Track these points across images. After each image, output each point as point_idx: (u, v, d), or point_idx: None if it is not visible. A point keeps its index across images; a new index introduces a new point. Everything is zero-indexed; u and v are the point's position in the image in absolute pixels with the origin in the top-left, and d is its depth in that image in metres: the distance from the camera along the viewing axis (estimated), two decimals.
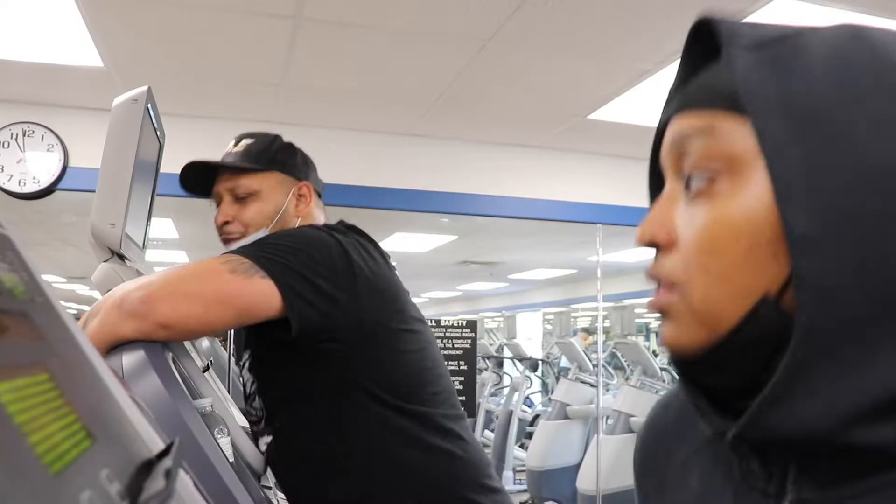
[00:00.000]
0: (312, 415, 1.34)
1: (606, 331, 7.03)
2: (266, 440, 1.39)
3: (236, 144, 1.54)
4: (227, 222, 1.50)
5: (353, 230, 1.44)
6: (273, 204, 1.50)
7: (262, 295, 1.19)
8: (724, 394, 0.52)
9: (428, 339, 1.44)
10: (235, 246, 1.42)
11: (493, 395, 8.13)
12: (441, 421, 1.37)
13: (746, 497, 0.53)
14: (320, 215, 1.60)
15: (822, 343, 0.45)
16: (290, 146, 1.59)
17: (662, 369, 5.84)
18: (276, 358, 1.36)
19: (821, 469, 0.48)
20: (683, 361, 0.54)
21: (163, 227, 6.02)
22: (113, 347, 1.07)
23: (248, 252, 1.23)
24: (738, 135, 0.49)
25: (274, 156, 1.53)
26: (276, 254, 1.23)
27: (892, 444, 0.44)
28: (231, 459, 1.06)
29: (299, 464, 1.37)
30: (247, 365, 1.44)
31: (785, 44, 0.49)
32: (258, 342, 1.39)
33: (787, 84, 0.47)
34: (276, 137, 1.58)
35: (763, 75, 0.47)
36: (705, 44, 0.54)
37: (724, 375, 0.51)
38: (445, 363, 1.50)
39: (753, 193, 0.48)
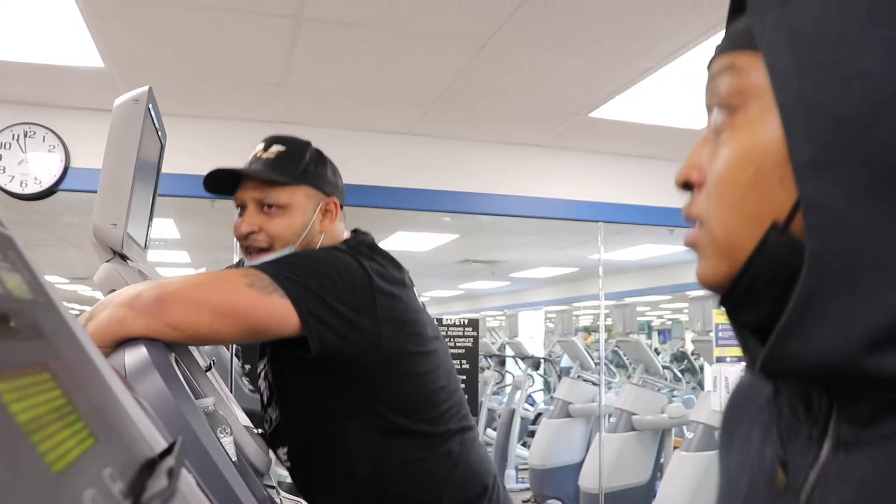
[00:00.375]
0: (330, 432, 1.37)
1: (608, 329, 7.02)
2: (284, 449, 1.43)
3: (266, 149, 1.49)
4: (252, 232, 1.45)
5: (376, 250, 1.44)
6: (301, 219, 1.47)
7: (277, 313, 1.20)
8: (765, 331, 0.52)
9: (442, 355, 1.45)
10: (258, 259, 1.42)
11: (495, 393, 8.13)
12: (449, 439, 1.41)
13: (795, 443, 0.53)
14: (343, 230, 1.57)
15: (833, 267, 0.45)
16: (321, 156, 1.54)
17: (664, 367, 5.84)
18: (292, 374, 1.38)
19: (858, 407, 0.48)
20: (721, 299, 0.55)
21: (164, 227, 6.02)
22: (118, 343, 1.07)
23: (270, 269, 1.23)
24: (752, 69, 0.51)
25: (306, 168, 1.48)
26: (297, 274, 1.23)
27: None
28: (234, 459, 1.06)
29: (314, 473, 1.41)
30: (263, 375, 1.47)
31: None
32: (275, 356, 1.41)
33: (794, 17, 0.48)
34: (308, 146, 1.53)
35: (773, 10, 0.49)
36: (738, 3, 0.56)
37: (753, 309, 0.52)
38: (455, 370, 1.52)
39: (763, 123, 0.49)
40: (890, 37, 0.45)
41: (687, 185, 0.56)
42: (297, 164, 1.48)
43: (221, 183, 1.49)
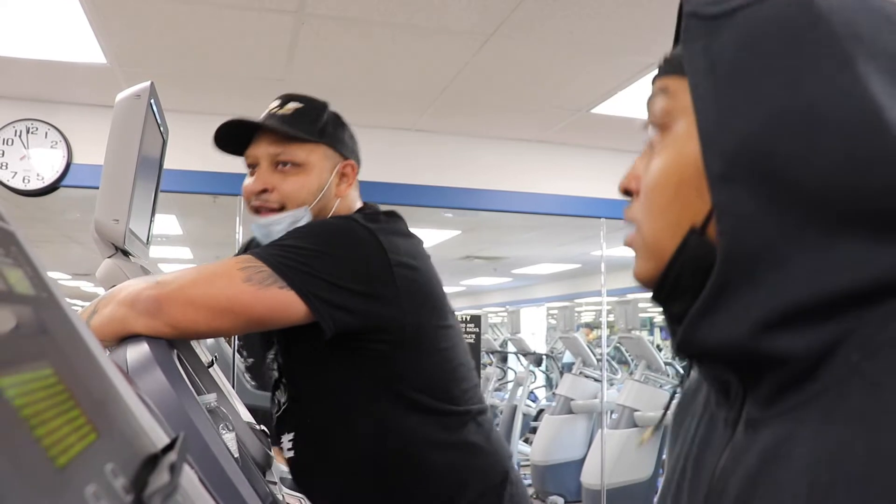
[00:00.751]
0: (345, 412, 1.31)
1: (610, 325, 7.02)
2: (289, 437, 1.36)
3: (283, 106, 1.42)
4: (265, 190, 1.37)
5: (392, 217, 1.39)
6: (318, 180, 1.39)
7: (277, 306, 1.16)
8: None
9: (459, 331, 1.40)
10: (269, 218, 1.36)
11: (497, 390, 8.13)
12: (472, 416, 1.36)
13: (715, 427, 0.62)
14: (356, 196, 1.51)
15: (739, 264, 0.52)
16: (339, 118, 1.48)
17: (667, 364, 5.84)
18: (307, 354, 1.33)
19: (761, 388, 0.55)
20: (652, 294, 0.62)
21: (167, 223, 6.03)
22: (121, 339, 1.08)
23: (270, 258, 1.18)
24: (681, 92, 0.58)
25: (325, 126, 1.42)
26: (299, 259, 1.18)
27: (809, 352, 0.51)
28: (236, 455, 1.06)
29: (326, 461, 1.34)
30: (273, 357, 1.42)
31: (731, 16, 0.55)
32: (287, 337, 1.35)
33: (717, 46, 0.55)
34: (326, 106, 1.47)
35: (699, 41, 0.56)
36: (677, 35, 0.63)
37: (677, 302, 0.58)
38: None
39: (686, 140, 0.56)
40: (790, 67, 0.52)
41: (627, 193, 0.64)
42: (315, 121, 1.41)
43: (231, 140, 1.42)
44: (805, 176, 0.50)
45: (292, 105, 1.42)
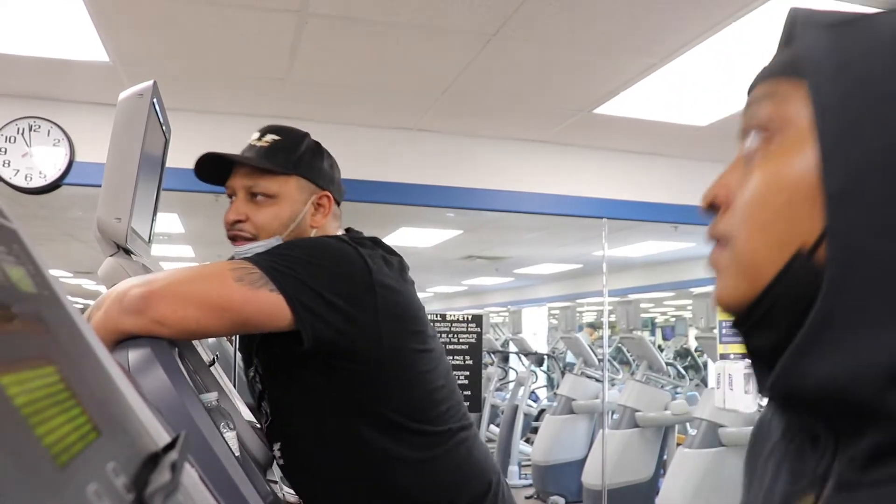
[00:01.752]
0: (321, 428, 1.32)
1: (612, 326, 7.02)
2: (277, 446, 1.38)
3: (261, 138, 1.44)
4: (238, 220, 1.41)
5: (378, 243, 1.40)
6: (290, 210, 1.41)
7: (266, 308, 1.16)
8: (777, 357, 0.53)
9: (439, 355, 1.41)
10: (243, 247, 1.39)
11: (498, 389, 8.14)
12: (450, 438, 1.37)
13: (800, 480, 0.54)
14: (336, 226, 1.51)
15: (849, 296, 0.46)
16: (318, 148, 1.49)
17: (668, 364, 5.84)
18: (285, 370, 1.34)
19: (860, 446, 0.48)
20: (735, 320, 0.56)
21: (169, 221, 6.04)
22: (117, 341, 1.08)
23: (261, 262, 1.19)
24: (794, 98, 0.52)
25: (299, 159, 1.43)
26: (290, 266, 1.19)
27: None
28: (237, 454, 1.06)
29: (307, 472, 1.37)
30: (255, 368, 1.42)
31: (854, 24, 0.51)
32: (266, 351, 1.37)
33: (844, 54, 0.49)
34: (304, 137, 1.48)
35: (824, 45, 0.51)
36: (787, 36, 0.58)
37: (767, 332, 0.52)
38: (452, 370, 1.48)
39: (800, 150, 0.50)
40: None
41: (713, 207, 0.57)
42: (290, 153, 1.43)
43: (214, 171, 1.45)
44: None
45: (269, 137, 1.44)
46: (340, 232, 1.50)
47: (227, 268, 1.17)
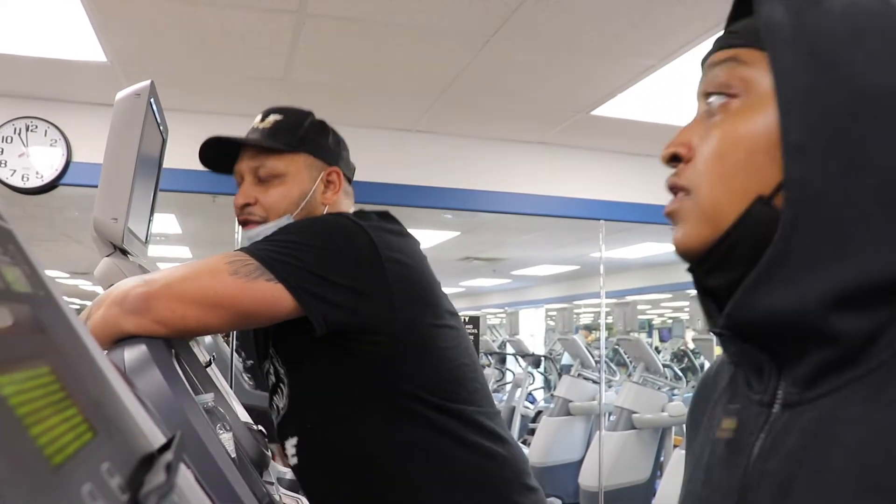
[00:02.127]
0: (346, 415, 1.27)
1: (609, 327, 7.03)
2: (293, 441, 1.32)
3: (263, 119, 1.43)
4: (247, 204, 1.38)
5: (385, 217, 1.36)
6: (299, 189, 1.39)
7: (264, 299, 1.14)
8: (728, 295, 0.58)
9: (462, 333, 1.35)
10: (254, 230, 1.36)
11: (495, 391, 8.13)
12: (482, 419, 1.29)
13: (749, 410, 0.60)
14: (349, 203, 1.49)
15: (802, 236, 0.52)
16: (322, 125, 1.47)
17: (665, 365, 5.84)
18: (303, 356, 1.29)
19: (801, 368, 0.55)
20: (693, 264, 0.61)
21: (166, 222, 6.03)
22: (115, 341, 1.07)
23: (258, 251, 1.17)
24: (754, 63, 0.58)
25: (304, 135, 1.41)
26: (288, 252, 1.16)
27: (860, 334, 0.51)
28: (233, 455, 1.06)
29: (329, 465, 1.30)
30: (270, 359, 1.38)
31: None
32: (282, 339, 1.32)
33: (802, 21, 0.55)
34: (308, 115, 1.46)
35: (783, 15, 0.56)
36: (743, 8, 0.63)
37: (723, 273, 0.58)
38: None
39: (761, 110, 0.56)
40: (873, 53, 0.53)
41: (673, 160, 0.64)
42: (294, 131, 1.41)
43: (218, 159, 1.43)
44: (881, 157, 0.51)
45: (272, 118, 1.42)
46: (353, 209, 1.46)
47: (223, 261, 1.15)
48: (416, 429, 1.24)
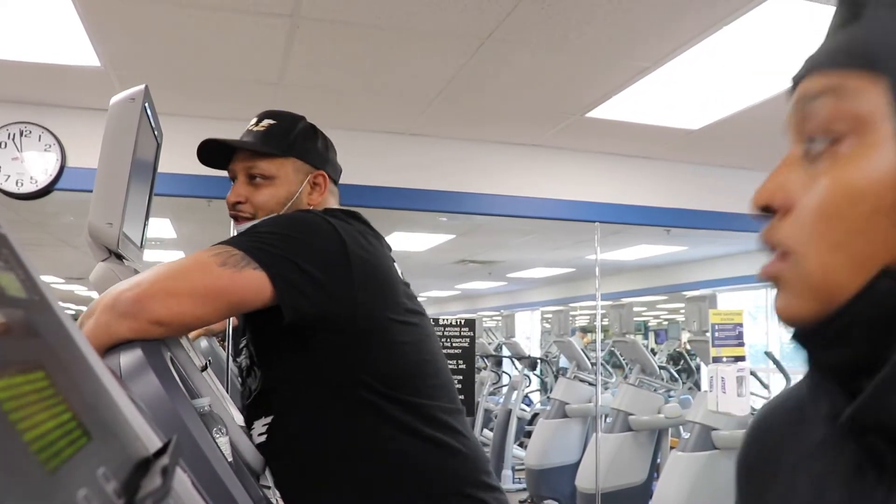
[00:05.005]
0: (307, 403, 1.33)
1: (605, 329, 7.03)
2: (263, 421, 1.36)
3: (258, 123, 1.54)
4: (239, 202, 1.51)
5: (354, 216, 1.44)
6: (286, 190, 1.50)
7: (253, 286, 1.19)
8: (846, 374, 0.49)
9: (426, 331, 1.42)
10: (242, 226, 1.45)
11: (491, 394, 8.13)
12: (439, 414, 1.36)
13: (859, 499, 0.49)
14: (334, 203, 1.58)
15: None
16: (312, 130, 1.58)
17: (661, 367, 5.84)
18: (270, 342, 1.36)
19: None
20: (801, 336, 0.50)
21: (161, 226, 6.02)
22: (110, 347, 1.07)
23: (240, 242, 1.23)
24: (868, 94, 0.46)
25: (293, 141, 1.52)
26: (267, 242, 1.23)
27: None
28: (230, 459, 1.06)
29: (293, 447, 1.34)
30: (246, 343, 1.44)
31: None
32: (253, 325, 1.39)
33: None
34: (299, 120, 1.57)
35: None
36: (851, 9, 0.50)
37: (841, 351, 0.47)
38: (445, 358, 1.48)
39: (880, 155, 0.45)
40: None
41: (767, 209, 0.51)
42: (285, 136, 1.52)
43: (215, 157, 1.54)
44: None
45: (266, 122, 1.54)
46: (329, 207, 1.55)
47: (209, 255, 1.20)
48: (371, 418, 1.30)
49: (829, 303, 0.47)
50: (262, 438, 1.36)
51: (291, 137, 1.52)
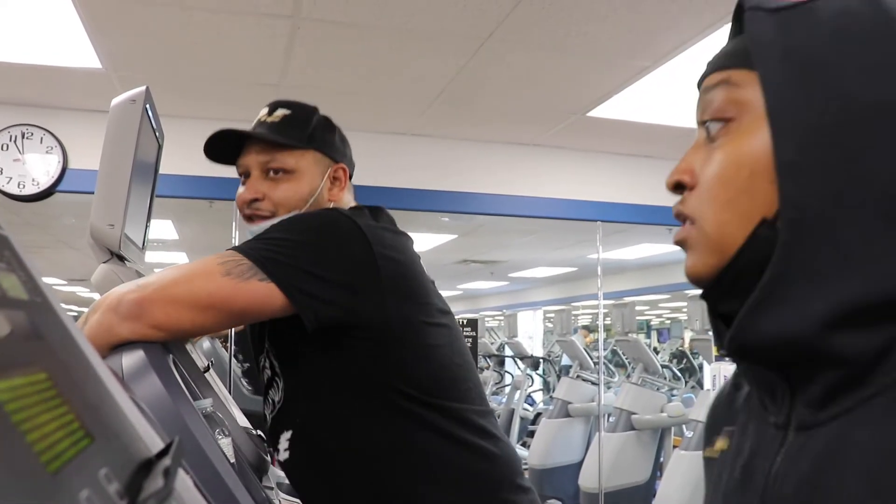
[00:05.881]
0: (336, 410, 1.26)
1: (607, 328, 7.03)
2: (286, 436, 1.31)
3: (271, 113, 1.42)
4: (256, 199, 1.37)
5: (378, 214, 1.37)
6: (308, 185, 1.39)
7: (257, 299, 1.14)
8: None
9: (455, 332, 1.35)
10: (260, 226, 1.35)
11: (494, 393, 8.13)
12: (473, 417, 1.29)
13: (765, 434, 0.59)
14: (350, 199, 1.50)
15: (800, 256, 0.52)
16: (329, 122, 1.49)
17: (663, 366, 5.84)
18: (296, 351, 1.29)
19: (812, 389, 0.54)
20: (704, 291, 0.61)
21: (162, 228, 6.02)
22: (112, 348, 1.07)
23: (251, 250, 1.17)
24: (747, 84, 0.57)
25: (313, 132, 1.42)
26: (280, 251, 1.16)
27: (867, 353, 0.50)
28: (232, 460, 1.06)
29: (320, 460, 1.28)
30: (266, 353, 1.37)
31: (799, 7, 0.56)
32: (277, 334, 1.32)
33: (791, 37, 0.55)
34: (315, 111, 1.48)
35: (771, 31, 0.56)
36: (737, 26, 0.62)
37: (735, 298, 0.56)
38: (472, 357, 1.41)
39: (756, 131, 0.56)
40: (863, 65, 0.52)
41: (678, 187, 0.62)
42: (304, 127, 1.42)
43: (223, 150, 1.42)
44: (878, 171, 0.50)
45: (280, 112, 1.42)
46: (353, 205, 1.47)
47: (216, 262, 1.15)
48: (406, 425, 1.24)
49: (724, 255, 0.57)
50: (287, 455, 1.31)
51: (311, 128, 1.42)
